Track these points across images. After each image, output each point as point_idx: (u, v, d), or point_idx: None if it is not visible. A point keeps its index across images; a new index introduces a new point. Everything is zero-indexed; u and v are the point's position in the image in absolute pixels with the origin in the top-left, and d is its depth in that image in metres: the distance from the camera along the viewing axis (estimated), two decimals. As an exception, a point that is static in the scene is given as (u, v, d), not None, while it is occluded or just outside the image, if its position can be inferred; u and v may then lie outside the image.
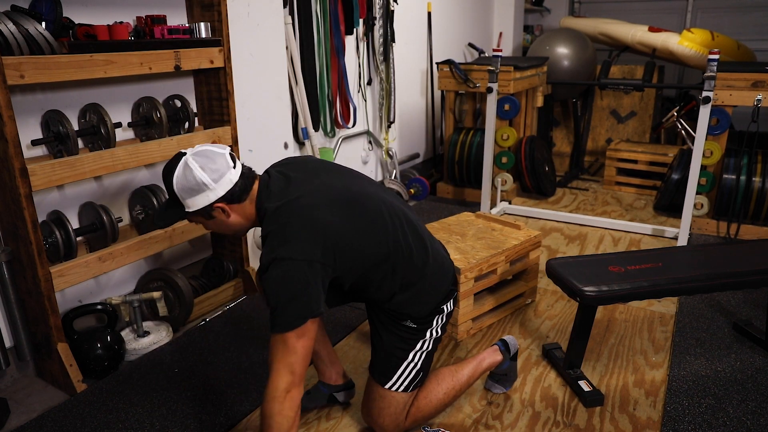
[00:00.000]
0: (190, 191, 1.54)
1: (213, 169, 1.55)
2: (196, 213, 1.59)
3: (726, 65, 3.60)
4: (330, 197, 1.59)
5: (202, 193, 1.55)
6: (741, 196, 3.51)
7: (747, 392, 2.08)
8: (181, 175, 1.54)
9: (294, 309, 1.46)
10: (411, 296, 1.71)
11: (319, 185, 1.61)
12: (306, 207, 1.54)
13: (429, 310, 1.76)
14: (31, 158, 2.15)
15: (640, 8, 6.13)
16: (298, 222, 1.51)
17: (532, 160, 4.22)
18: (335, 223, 1.54)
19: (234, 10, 2.66)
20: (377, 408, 1.82)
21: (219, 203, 1.57)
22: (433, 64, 4.69)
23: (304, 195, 1.57)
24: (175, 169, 1.55)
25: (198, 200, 1.56)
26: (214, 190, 1.55)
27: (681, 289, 2.10)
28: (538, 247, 2.71)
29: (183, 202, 1.56)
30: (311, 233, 1.50)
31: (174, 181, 1.55)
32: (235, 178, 1.58)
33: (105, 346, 2.25)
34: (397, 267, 1.66)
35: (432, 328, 1.81)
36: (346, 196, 1.62)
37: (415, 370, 1.80)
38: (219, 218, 1.61)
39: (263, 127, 3.00)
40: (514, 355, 2.07)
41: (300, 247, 1.48)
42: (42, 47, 1.91)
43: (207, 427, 1.95)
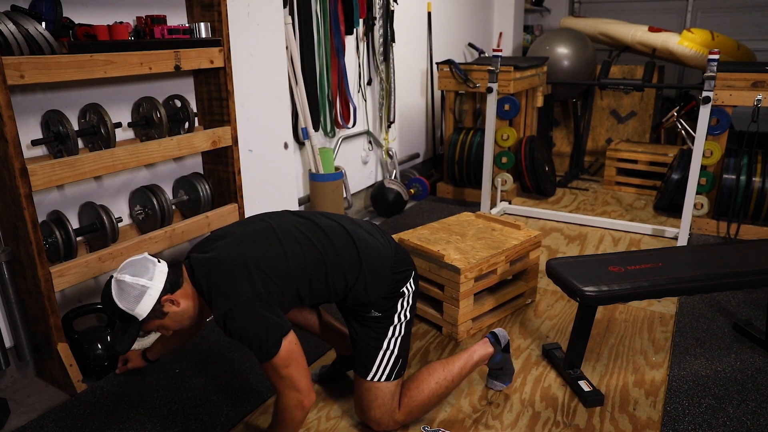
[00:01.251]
0: (134, 300, 1.60)
1: (141, 271, 1.63)
2: (150, 317, 1.63)
3: (726, 65, 3.60)
4: (244, 242, 1.70)
5: (144, 295, 1.60)
6: (741, 196, 3.52)
7: (747, 392, 2.08)
8: (118, 292, 1.60)
9: (266, 340, 1.58)
10: (359, 289, 1.79)
11: (231, 240, 1.72)
12: (226, 258, 1.66)
13: (383, 294, 1.82)
14: (31, 158, 2.15)
15: (640, 8, 6.13)
16: (225, 271, 1.63)
17: (532, 160, 4.22)
18: (256, 255, 1.66)
19: (234, 10, 2.65)
20: (366, 402, 1.86)
21: (164, 296, 1.63)
22: (433, 64, 4.70)
23: (220, 252, 1.68)
24: (109, 292, 1.61)
25: (145, 304, 1.61)
26: (153, 286, 1.62)
27: (681, 289, 2.10)
28: (538, 247, 2.72)
29: (133, 314, 1.60)
30: (240, 273, 1.62)
31: (116, 300, 1.60)
32: (164, 268, 1.66)
33: (105, 346, 2.25)
34: (331, 273, 1.75)
35: (398, 312, 1.86)
36: (257, 235, 1.74)
37: (393, 357, 1.85)
38: (171, 311, 1.66)
39: (263, 127, 3.00)
40: (506, 347, 2.07)
41: (238, 291, 1.60)
42: (42, 47, 1.91)
43: (208, 428, 1.95)
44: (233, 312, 1.58)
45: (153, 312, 1.62)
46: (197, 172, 2.79)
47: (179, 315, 1.68)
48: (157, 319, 1.66)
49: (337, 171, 3.53)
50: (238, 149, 2.72)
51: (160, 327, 1.69)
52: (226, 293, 1.61)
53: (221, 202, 2.77)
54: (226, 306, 1.59)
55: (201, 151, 2.56)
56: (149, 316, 1.62)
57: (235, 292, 1.60)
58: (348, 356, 2.10)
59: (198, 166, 2.84)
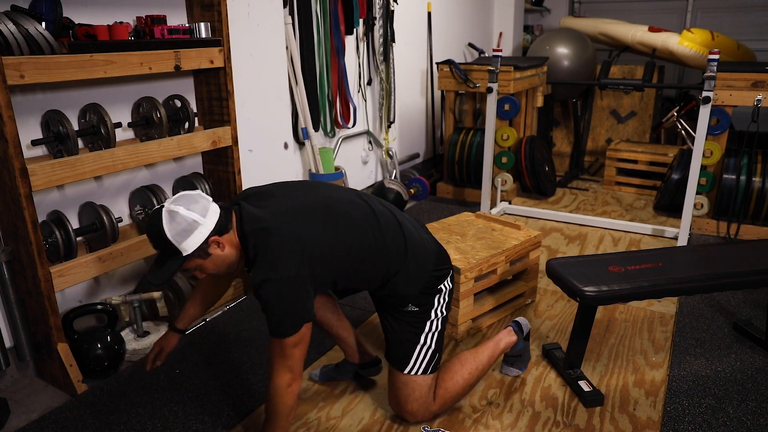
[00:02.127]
0: (183, 233, 1.57)
1: (195, 206, 1.60)
2: (193, 255, 1.61)
3: (726, 65, 3.60)
4: (301, 214, 1.68)
5: (195, 231, 1.58)
6: (741, 196, 3.51)
7: (747, 392, 2.08)
8: (169, 221, 1.57)
9: (288, 320, 1.59)
10: (401, 278, 1.79)
11: (288, 205, 1.70)
12: (282, 226, 1.63)
13: (421, 288, 1.83)
14: (31, 158, 2.15)
15: (640, 8, 6.13)
16: (278, 242, 1.60)
17: (532, 160, 4.22)
18: (310, 235, 1.64)
19: (234, 10, 2.66)
20: (403, 395, 1.87)
21: (212, 237, 1.61)
22: (433, 64, 4.69)
23: (278, 216, 1.66)
24: (159, 221, 1.58)
25: (193, 240, 1.58)
26: (205, 224, 1.59)
27: (681, 289, 2.10)
28: (538, 247, 2.72)
29: (179, 248, 1.58)
30: (292, 250, 1.60)
31: (165, 230, 1.57)
32: (217, 209, 1.64)
33: (105, 346, 2.25)
34: (377, 260, 1.75)
35: (435, 308, 1.88)
36: (315, 208, 1.71)
37: (430, 351, 1.87)
38: (215, 254, 1.64)
39: (263, 127, 3.00)
40: (526, 336, 2.17)
41: (285, 266, 1.58)
42: (42, 47, 1.91)
43: (209, 428, 1.95)
44: (272, 282, 1.56)
45: (198, 250, 1.60)
46: (197, 172, 2.79)
47: (220, 259, 1.66)
48: (200, 259, 1.63)
49: (337, 171, 3.53)
50: (238, 149, 2.72)
51: (199, 267, 1.66)
52: (271, 262, 1.58)
53: (221, 202, 2.76)
54: (267, 274, 1.57)
55: (201, 151, 2.56)
56: (194, 253, 1.60)
57: (281, 265, 1.58)
58: (356, 363, 2.13)
59: (198, 166, 2.84)
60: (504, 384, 2.16)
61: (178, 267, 1.62)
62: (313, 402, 2.07)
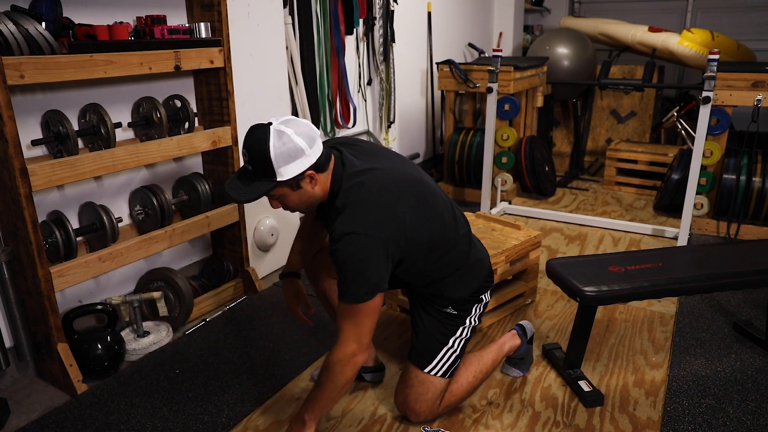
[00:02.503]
0: (287, 158, 1.50)
1: (305, 134, 1.53)
2: (285, 183, 1.54)
3: (726, 65, 3.60)
4: (400, 182, 1.65)
5: (298, 159, 1.51)
6: (741, 196, 3.51)
7: (747, 392, 2.08)
8: (278, 142, 1.49)
9: (365, 283, 1.52)
10: (454, 280, 1.81)
11: (389, 169, 1.66)
12: (383, 189, 1.59)
13: (467, 294, 1.85)
14: (31, 158, 2.15)
15: (640, 8, 6.13)
16: (376, 201, 1.56)
17: (532, 160, 4.22)
18: (403, 207, 1.60)
19: (234, 10, 2.65)
20: (415, 393, 1.87)
21: (309, 170, 1.54)
22: (433, 64, 4.69)
23: (379, 176, 1.62)
24: (266, 138, 1.49)
25: (293, 167, 1.51)
26: (309, 156, 1.53)
27: (681, 289, 2.10)
28: (538, 247, 2.72)
29: (276, 171, 1.51)
30: (387, 215, 1.56)
31: (271, 148, 1.48)
32: (321, 145, 1.58)
33: (105, 346, 2.25)
34: (448, 252, 1.76)
35: (471, 316, 1.91)
36: (412, 183, 1.68)
37: (454, 356, 1.88)
38: (305, 188, 1.58)
39: (263, 127, 2.99)
40: (530, 339, 2.18)
41: (377, 226, 1.53)
42: (42, 47, 1.91)
43: (209, 428, 1.95)
44: (359, 237, 1.50)
45: (293, 179, 1.53)
46: (197, 172, 2.79)
47: (307, 195, 1.60)
48: (289, 189, 1.56)
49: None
50: (238, 149, 2.72)
51: (281, 197, 1.59)
52: (363, 217, 1.53)
53: (221, 202, 2.76)
54: (355, 227, 1.51)
55: (201, 151, 2.56)
56: (287, 181, 1.53)
57: (372, 222, 1.53)
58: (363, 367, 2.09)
59: (198, 166, 2.84)
60: (504, 384, 2.16)
61: (268, 191, 1.55)
62: (313, 402, 2.07)
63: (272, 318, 2.66)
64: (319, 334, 2.50)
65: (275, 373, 2.23)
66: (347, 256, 1.52)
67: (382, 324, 2.59)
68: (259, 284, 2.91)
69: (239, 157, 2.73)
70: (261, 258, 3.09)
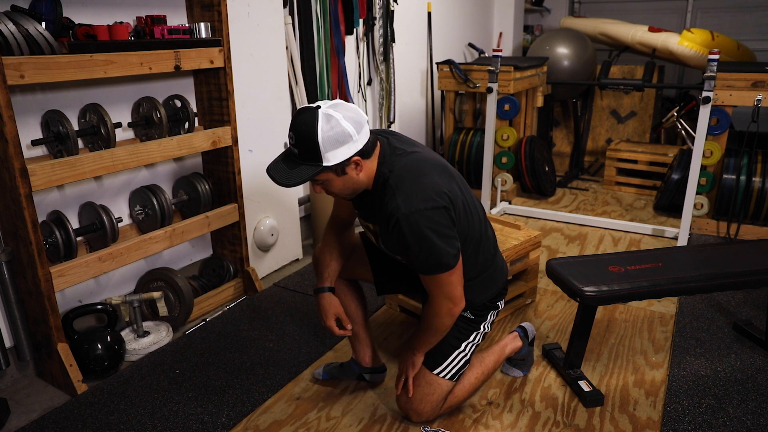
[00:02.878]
0: (335, 143, 1.49)
1: (353, 119, 1.52)
2: (331, 168, 1.52)
3: (726, 65, 3.60)
4: (444, 166, 1.70)
5: (345, 144, 1.50)
6: (741, 196, 3.51)
7: (747, 392, 2.08)
8: (326, 125, 1.47)
9: (445, 252, 1.56)
10: (478, 284, 1.83)
11: (432, 155, 1.72)
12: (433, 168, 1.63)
13: (487, 299, 1.89)
14: (31, 158, 2.15)
15: (640, 8, 6.13)
16: (430, 177, 1.59)
17: (532, 160, 4.22)
18: (454, 187, 1.65)
19: (234, 10, 2.65)
20: (421, 394, 1.87)
21: (356, 156, 1.54)
22: (433, 64, 4.69)
23: (426, 157, 1.66)
24: (314, 121, 1.47)
25: (340, 152, 1.50)
26: (356, 141, 1.52)
27: (681, 289, 2.10)
28: (538, 247, 2.71)
29: (323, 156, 1.49)
30: (442, 189, 1.59)
31: (319, 132, 1.47)
32: (368, 130, 1.58)
33: (105, 346, 2.25)
34: (478, 250, 1.78)
35: (486, 322, 1.94)
36: (452, 171, 1.73)
37: (463, 360, 1.90)
38: (350, 174, 1.57)
39: (263, 127, 2.99)
40: (531, 341, 2.19)
41: (437, 196, 1.56)
42: (42, 47, 1.91)
43: (209, 428, 1.95)
44: (426, 213, 1.52)
45: (339, 165, 1.52)
46: (197, 172, 2.79)
47: (351, 181, 1.59)
48: (334, 174, 1.55)
49: (337, 171, 3.53)
50: (238, 149, 2.72)
51: (326, 182, 1.58)
52: (423, 193, 1.55)
53: (221, 202, 2.77)
54: (418, 204, 1.53)
55: (201, 151, 2.56)
56: (333, 166, 1.51)
57: (435, 196, 1.55)
58: (363, 366, 2.11)
59: (198, 166, 2.84)
60: (504, 384, 2.16)
61: (313, 176, 1.52)
62: (313, 402, 2.07)
63: (272, 318, 2.66)
64: (319, 334, 2.50)
65: (275, 373, 2.23)
66: (422, 233, 1.53)
67: (382, 324, 2.59)
68: (259, 284, 2.91)
69: (239, 157, 2.73)
70: (261, 258, 3.09)
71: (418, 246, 1.56)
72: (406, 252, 1.60)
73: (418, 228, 1.53)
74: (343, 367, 2.17)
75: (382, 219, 1.63)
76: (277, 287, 2.98)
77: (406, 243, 1.56)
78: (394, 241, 1.61)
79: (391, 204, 1.57)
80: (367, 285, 2.12)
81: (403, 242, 1.57)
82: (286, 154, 1.58)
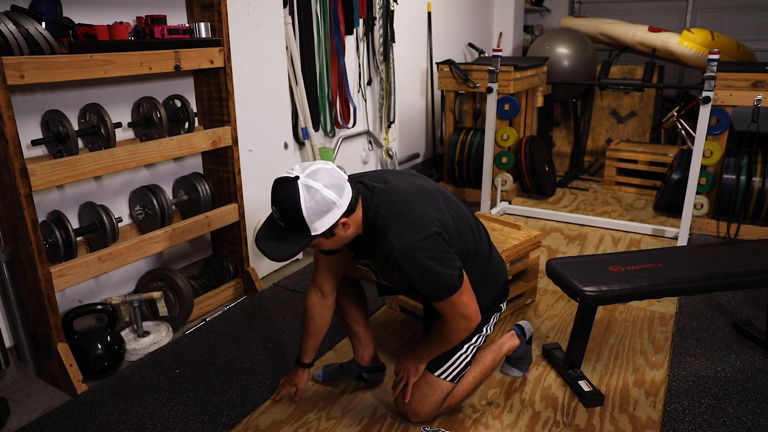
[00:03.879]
0: (320, 213, 1.51)
1: (334, 184, 1.53)
2: (319, 235, 1.54)
3: (726, 65, 3.60)
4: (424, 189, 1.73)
5: (330, 212, 1.52)
6: (741, 196, 3.51)
7: (747, 392, 2.08)
8: (308, 199, 1.49)
9: (449, 276, 1.60)
10: (480, 285, 1.84)
11: (408, 181, 1.74)
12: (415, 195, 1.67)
13: (489, 301, 1.92)
14: (31, 158, 2.15)
15: (640, 8, 6.13)
16: (414, 208, 1.63)
17: (532, 160, 4.22)
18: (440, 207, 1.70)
19: (234, 10, 2.65)
20: (420, 395, 1.88)
21: (342, 218, 1.56)
22: (433, 64, 4.69)
23: (405, 188, 1.69)
24: (296, 196, 1.49)
25: (326, 221, 1.53)
26: (340, 206, 1.54)
27: (681, 289, 2.10)
28: (538, 247, 2.71)
29: (310, 227, 1.52)
30: (429, 216, 1.63)
31: (303, 207, 1.49)
32: (350, 189, 1.58)
33: (105, 346, 2.25)
34: (476, 258, 1.81)
35: (488, 324, 1.96)
36: (434, 189, 1.77)
37: (464, 362, 1.90)
38: (339, 234, 1.59)
39: (263, 127, 2.99)
40: (529, 339, 2.19)
41: (427, 225, 1.60)
42: (42, 47, 1.91)
43: (209, 428, 1.95)
44: (421, 244, 1.56)
45: (327, 231, 1.54)
46: (197, 172, 2.79)
47: (340, 240, 1.61)
48: (323, 238, 1.57)
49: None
50: (238, 149, 2.72)
51: (317, 245, 1.61)
52: (413, 225, 1.58)
53: (221, 202, 2.77)
54: (411, 237, 1.56)
55: (201, 151, 2.56)
56: (321, 233, 1.53)
57: (425, 225, 1.59)
58: (363, 366, 2.12)
59: (198, 166, 2.84)
60: (504, 384, 2.16)
61: (305, 246, 1.54)
62: (313, 402, 2.07)
63: (272, 318, 2.66)
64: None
65: (275, 374, 2.23)
66: (422, 265, 1.57)
67: (382, 324, 2.59)
68: (259, 284, 2.91)
69: (239, 157, 2.73)
70: (261, 258, 3.09)
71: (421, 277, 1.59)
72: (411, 283, 1.65)
73: (417, 261, 1.57)
74: (342, 367, 2.17)
75: (379, 259, 1.66)
76: (277, 287, 2.98)
77: (408, 277, 1.60)
78: (396, 277, 1.65)
79: (385, 245, 1.59)
80: (367, 285, 2.12)
81: (405, 276, 1.61)
82: (272, 226, 1.59)
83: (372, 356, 2.12)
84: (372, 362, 2.13)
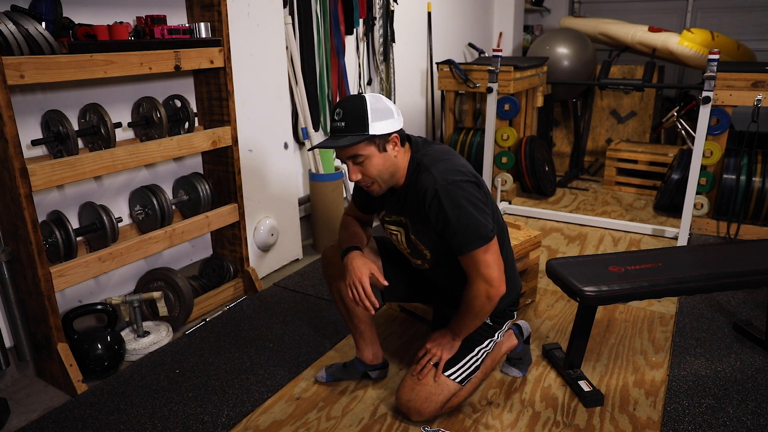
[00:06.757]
0: (381, 113, 1.65)
1: (392, 105, 1.71)
2: (375, 139, 1.65)
3: (726, 65, 3.60)
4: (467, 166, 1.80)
5: (389, 119, 1.66)
6: (741, 196, 3.51)
7: (747, 392, 2.08)
8: (374, 101, 1.65)
9: (482, 224, 1.66)
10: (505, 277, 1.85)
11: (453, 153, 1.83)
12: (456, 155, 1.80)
13: (506, 305, 1.95)
14: (31, 158, 2.15)
15: (640, 8, 6.13)
16: (459, 160, 1.75)
17: (532, 160, 4.22)
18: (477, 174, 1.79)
19: (234, 10, 2.65)
20: (426, 393, 1.88)
21: (396, 134, 1.69)
22: (433, 64, 4.69)
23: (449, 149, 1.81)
24: (362, 98, 1.65)
25: (385, 125, 1.65)
26: (397, 119, 1.70)
27: (681, 289, 2.10)
28: (538, 247, 2.71)
29: (369, 125, 1.64)
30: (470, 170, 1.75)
31: (368, 104, 1.64)
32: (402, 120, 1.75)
33: (105, 346, 2.25)
34: (503, 240, 1.86)
35: (500, 330, 1.99)
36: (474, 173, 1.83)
37: (475, 365, 1.92)
38: (389, 152, 1.70)
39: (263, 127, 3.00)
40: (527, 339, 2.19)
41: (469, 173, 1.71)
42: (42, 47, 1.91)
43: (209, 428, 1.95)
44: (461, 184, 1.65)
45: (382, 137, 1.66)
46: (197, 172, 2.79)
47: (390, 162, 1.71)
48: (376, 148, 1.67)
49: (337, 171, 3.52)
50: (238, 149, 2.72)
51: (366, 161, 1.68)
52: (456, 167, 1.69)
53: (221, 202, 2.77)
54: (457, 177, 1.66)
55: (201, 151, 2.56)
56: (377, 137, 1.65)
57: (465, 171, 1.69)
58: (367, 363, 2.13)
59: (198, 166, 2.84)
60: (504, 384, 2.16)
61: (360, 142, 1.64)
62: (313, 402, 2.07)
63: (272, 318, 2.66)
64: (320, 334, 2.50)
65: (275, 373, 2.23)
66: (459, 204, 1.64)
67: (382, 324, 2.59)
68: (259, 284, 2.91)
69: (239, 157, 2.73)
70: (261, 258, 3.09)
71: (456, 217, 1.64)
72: (444, 227, 1.68)
73: (456, 198, 1.64)
74: (346, 366, 2.17)
75: (417, 201, 1.73)
76: (277, 287, 2.98)
77: (444, 216, 1.65)
78: (433, 219, 1.69)
79: (428, 179, 1.68)
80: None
81: (441, 216, 1.66)
82: (332, 130, 1.71)
83: (376, 354, 2.13)
84: (377, 360, 2.13)
